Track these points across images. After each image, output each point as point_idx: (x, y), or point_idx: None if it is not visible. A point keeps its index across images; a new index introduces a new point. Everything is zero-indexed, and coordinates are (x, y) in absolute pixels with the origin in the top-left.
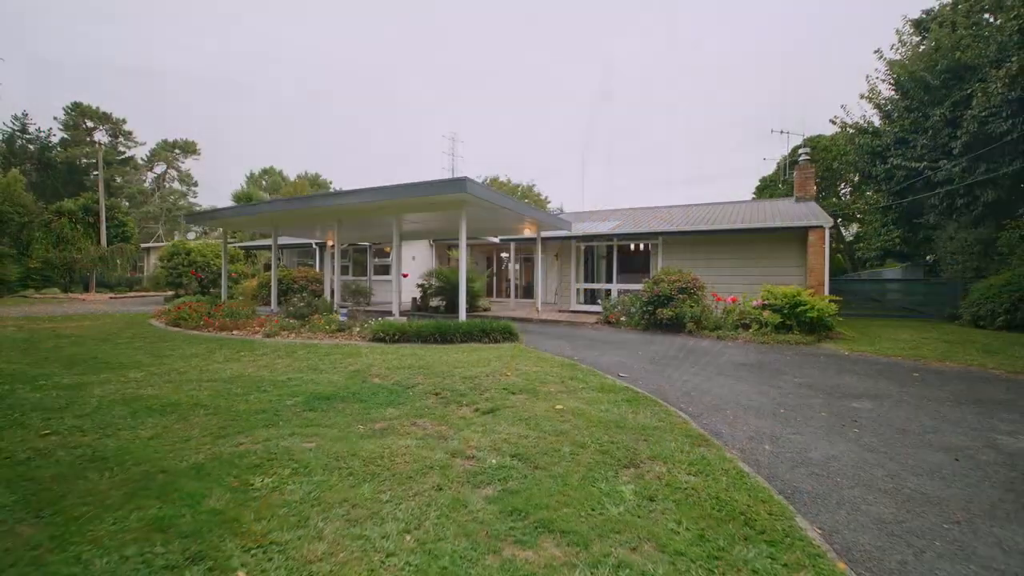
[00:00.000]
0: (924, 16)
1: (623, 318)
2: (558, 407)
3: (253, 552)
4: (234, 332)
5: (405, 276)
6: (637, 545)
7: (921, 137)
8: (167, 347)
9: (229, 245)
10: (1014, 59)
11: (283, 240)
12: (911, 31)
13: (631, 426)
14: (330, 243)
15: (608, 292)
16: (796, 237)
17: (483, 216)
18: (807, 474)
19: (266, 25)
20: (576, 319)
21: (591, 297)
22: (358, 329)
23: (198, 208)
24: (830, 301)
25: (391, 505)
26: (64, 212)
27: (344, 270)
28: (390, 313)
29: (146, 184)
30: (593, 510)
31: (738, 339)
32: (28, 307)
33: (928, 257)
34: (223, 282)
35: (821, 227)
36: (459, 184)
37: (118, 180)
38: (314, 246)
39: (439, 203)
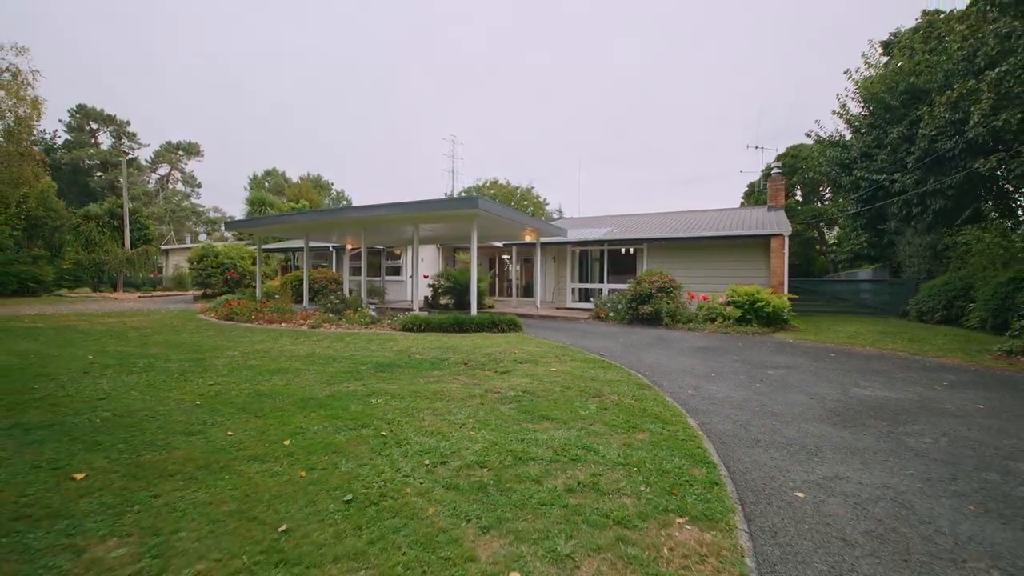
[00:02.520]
0: (892, 38)
1: (611, 314)
2: (552, 369)
3: (390, 425)
4: (282, 324)
5: (426, 277)
6: (592, 424)
7: (882, 152)
8: (236, 335)
9: (250, 248)
10: (956, 86)
11: (299, 244)
12: (880, 52)
13: (601, 380)
14: (349, 247)
15: (600, 291)
16: (761, 243)
17: (490, 225)
18: (707, 403)
19: (266, 25)
20: (571, 315)
21: (585, 296)
22: (388, 322)
23: (199, 208)
24: (788, 298)
25: (456, 409)
26: (91, 216)
27: (357, 271)
28: (403, 309)
29: (150, 185)
30: (571, 413)
31: (705, 330)
32: (70, 305)
33: (897, 261)
34: (258, 282)
35: (781, 235)
36: (473, 201)
37: (122, 182)
38: (331, 249)
39: (454, 216)
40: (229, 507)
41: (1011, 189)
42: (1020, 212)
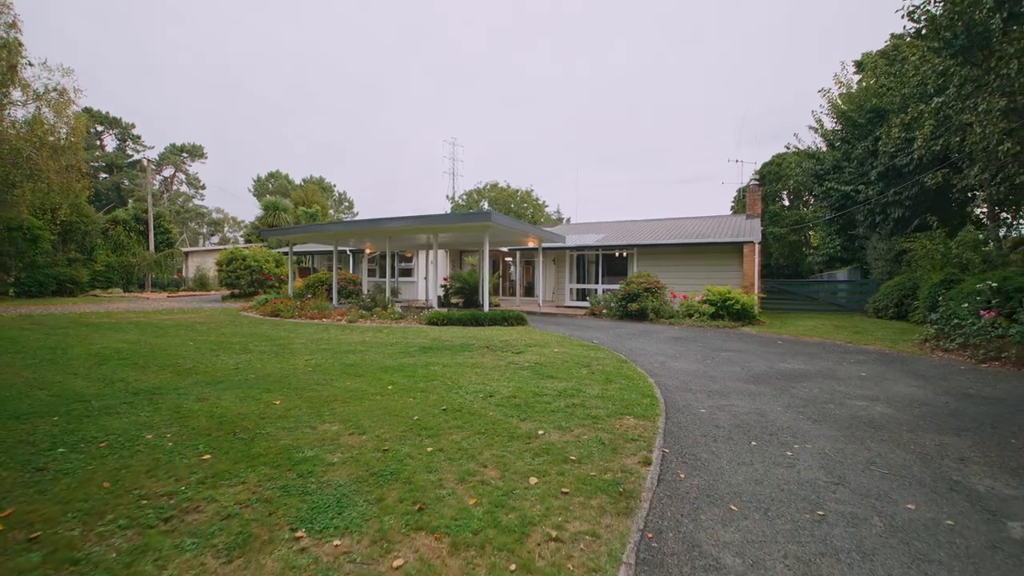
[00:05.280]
0: (864, 58)
1: (604, 311)
2: (555, 351)
3: (450, 379)
4: (323, 320)
5: (445, 280)
6: (583, 380)
7: (850, 164)
8: (290, 328)
9: (273, 252)
10: (909, 110)
11: (316, 247)
12: (853, 71)
13: (592, 357)
14: (368, 251)
15: (595, 291)
16: (735, 249)
17: (499, 234)
18: (666, 371)
19: (265, 25)
20: (570, 312)
21: (582, 295)
22: (414, 318)
23: (203, 209)
24: (759, 297)
25: (490, 372)
26: (119, 221)
27: (372, 272)
28: (418, 308)
29: (155, 187)
30: (569, 374)
31: (683, 324)
32: (110, 304)
33: (866, 263)
34: (289, 283)
35: (752, 242)
36: (486, 215)
37: (127, 183)
38: (348, 252)
39: (470, 228)
40: (379, 412)
41: (972, 196)
42: (972, 219)
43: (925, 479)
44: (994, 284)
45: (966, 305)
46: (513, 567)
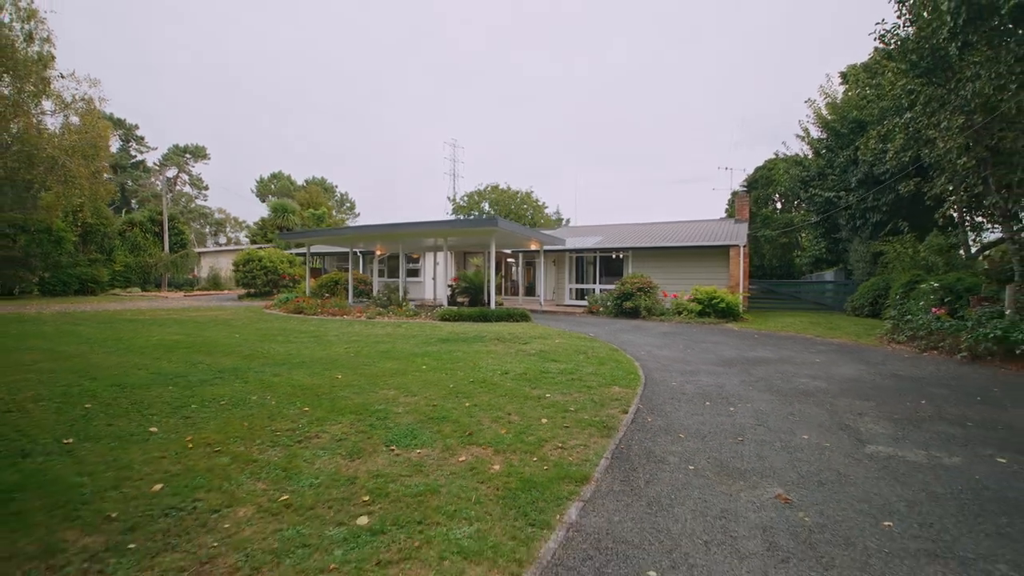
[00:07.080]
0: (849, 70)
1: (601, 309)
2: (557, 342)
3: (471, 362)
4: (344, 316)
5: (455, 280)
6: (580, 363)
7: (832, 172)
8: (317, 323)
9: (285, 253)
10: (885, 123)
11: (326, 248)
12: (839, 82)
13: (588, 346)
14: (379, 252)
15: (593, 291)
16: (722, 252)
17: (504, 238)
18: (650, 357)
19: (264, 24)
20: (569, 310)
21: (580, 294)
22: (428, 314)
23: (205, 209)
24: (744, 296)
25: (503, 356)
26: (136, 222)
27: (382, 273)
28: (427, 307)
29: (158, 187)
30: (568, 359)
31: (673, 321)
32: (133, 302)
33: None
34: (307, 282)
35: (737, 245)
36: (493, 221)
37: (130, 184)
38: (357, 254)
39: (477, 232)
40: (421, 383)
41: (942, 203)
42: (940, 224)
43: (825, 423)
44: (936, 284)
45: (922, 303)
46: (535, 459)
